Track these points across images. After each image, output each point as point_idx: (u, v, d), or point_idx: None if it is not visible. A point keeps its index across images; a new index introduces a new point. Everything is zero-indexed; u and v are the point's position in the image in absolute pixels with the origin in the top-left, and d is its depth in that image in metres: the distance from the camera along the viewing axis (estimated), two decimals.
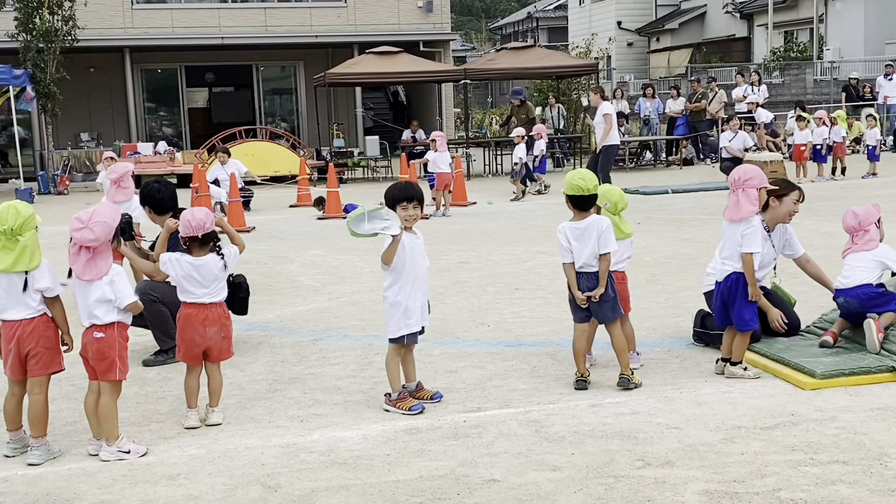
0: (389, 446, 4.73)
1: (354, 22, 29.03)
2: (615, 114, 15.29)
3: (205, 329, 5.13)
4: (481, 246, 11.34)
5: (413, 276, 5.24)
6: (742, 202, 5.57)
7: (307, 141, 28.08)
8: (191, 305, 5.15)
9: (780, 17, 36.29)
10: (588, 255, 5.51)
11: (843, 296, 5.96)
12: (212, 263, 5.15)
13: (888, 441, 4.52)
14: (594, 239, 5.48)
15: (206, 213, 5.21)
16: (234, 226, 13.34)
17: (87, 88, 27.79)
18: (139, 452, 4.74)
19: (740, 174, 5.63)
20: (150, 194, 6.73)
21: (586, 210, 5.58)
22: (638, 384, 5.53)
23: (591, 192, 5.53)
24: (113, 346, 4.70)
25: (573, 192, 5.53)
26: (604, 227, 5.49)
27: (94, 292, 4.66)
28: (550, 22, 56.47)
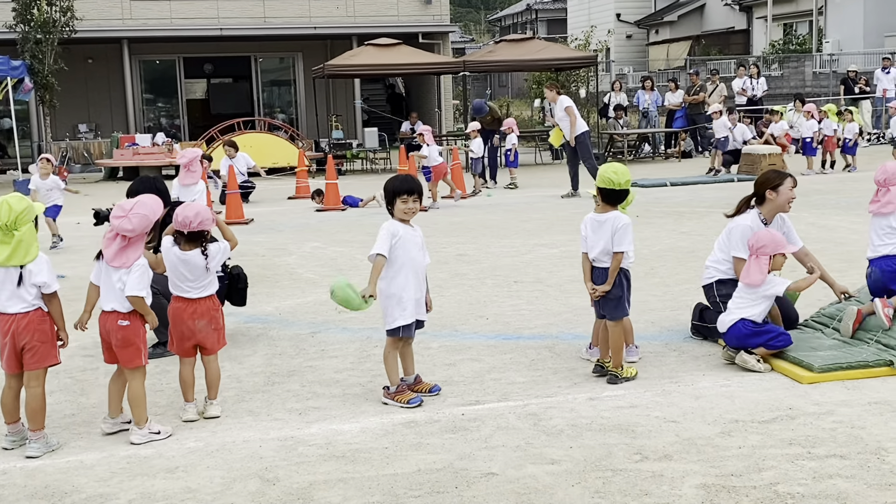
0: (388, 439, 4.74)
1: (353, 14, 28.95)
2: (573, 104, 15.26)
3: (193, 322, 5.14)
4: (480, 238, 11.34)
5: (407, 267, 5.24)
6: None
7: (306, 133, 28.03)
8: (179, 299, 5.17)
9: (780, 10, 36.22)
10: (601, 250, 5.57)
11: (871, 266, 6.05)
12: (196, 258, 5.14)
13: (886, 435, 4.53)
14: (608, 235, 5.51)
15: (196, 212, 5.18)
16: (233, 217, 13.40)
17: (85, 80, 27.72)
18: (167, 433, 4.91)
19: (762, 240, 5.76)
20: (158, 188, 6.68)
21: (613, 205, 5.62)
22: (630, 377, 5.53)
23: (620, 188, 5.57)
24: (138, 334, 4.88)
25: (603, 185, 5.59)
26: (619, 226, 5.52)
27: (116, 278, 4.82)
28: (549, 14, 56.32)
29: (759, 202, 6.31)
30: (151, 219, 4.87)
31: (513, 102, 37.78)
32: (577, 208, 13.88)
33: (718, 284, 6.30)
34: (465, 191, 16.20)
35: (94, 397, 5.61)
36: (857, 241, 9.91)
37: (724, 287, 6.26)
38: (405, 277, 5.24)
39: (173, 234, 5.17)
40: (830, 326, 6.12)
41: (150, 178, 7.00)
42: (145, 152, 22.49)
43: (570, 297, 7.86)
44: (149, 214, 4.85)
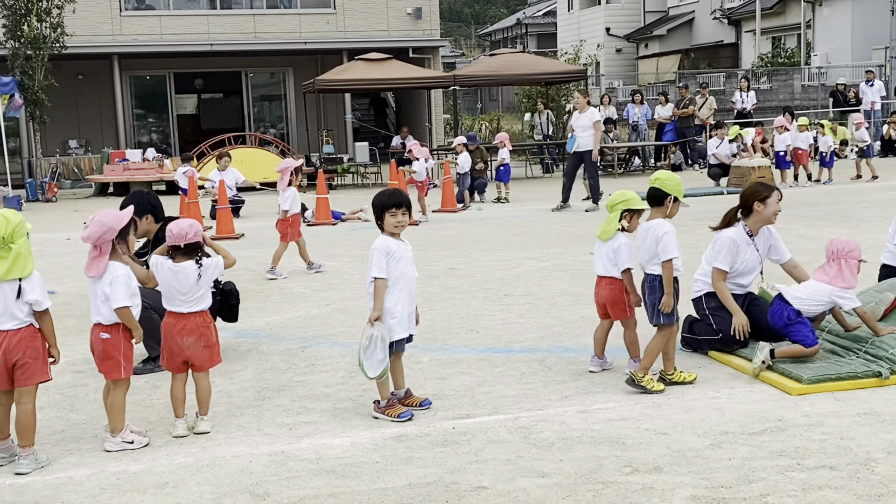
0: (378, 454, 4.73)
1: (343, 29, 29.05)
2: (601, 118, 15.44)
3: (182, 339, 5.12)
4: (470, 252, 11.35)
5: (401, 282, 5.25)
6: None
7: (297, 147, 28.06)
8: (171, 314, 5.16)
9: (768, 23, 36.45)
10: (643, 257, 5.67)
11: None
12: (189, 269, 5.13)
13: (875, 446, 4.55)
14: (649, 242, 5.62)
15: (190, 224, 5.21)
16: (223, 232, 13.40)
17: (75, 95, 27.73)
18: (141, 443, 4.92)
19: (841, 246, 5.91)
20: (152, 203, 6.69)
21: (655, 205, 5.71)
22: (651, 389, 5.52)
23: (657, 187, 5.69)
24: (118, 347, 4.89)
25: (654, 185, 5.72)
26: (661, 234, 5.58)
27: (98, 290, 4.87)
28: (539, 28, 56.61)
29: (746, 214, 6.35)
30: (109, 226, 4.85)
31: (503, 116, 37.89)
32: (568, 222, 13.92)
33: (707, 297, 6.33)
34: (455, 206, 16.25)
35: (84, 413, 5.59)
36: None
37: (713, 300, 6.30)
38: (398, 292, 5.25)
39: (168, 249, 5.16)
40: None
41: (144, 192, 7.00)
42: (136, 168, 22.49)
43: (561, 311, 7.88)
44: (106, 222, 4.85)
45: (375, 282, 5.18)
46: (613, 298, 5.94)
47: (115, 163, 22.74)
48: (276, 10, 29.30)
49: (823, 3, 33.27)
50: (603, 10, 44.74)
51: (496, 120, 34.60)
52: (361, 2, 29.10)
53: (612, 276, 5.94)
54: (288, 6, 29.40)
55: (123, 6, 27.95)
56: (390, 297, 5.23)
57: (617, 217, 5.90)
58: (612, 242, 5.92)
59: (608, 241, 5.94)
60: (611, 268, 5.94)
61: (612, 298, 5.95)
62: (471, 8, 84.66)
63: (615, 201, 5.94)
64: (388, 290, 5.22)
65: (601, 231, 5.98)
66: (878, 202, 13.94)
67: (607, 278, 5.96)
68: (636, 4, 44.67)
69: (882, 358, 5.59)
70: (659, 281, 5.62)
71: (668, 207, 5.71)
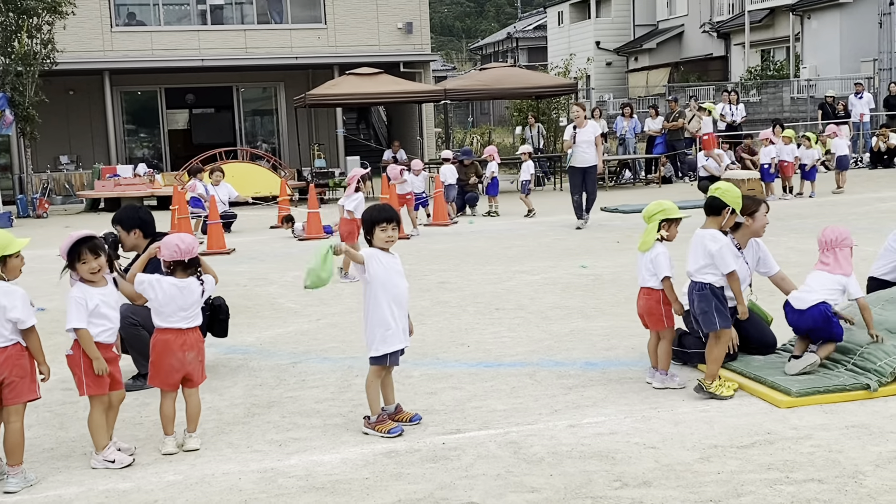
0: (368, 470, 4.73)
1: (335, 43, 29.12)
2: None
3: (184, 354, 5.12)
4: (461, 266, 11.36)
5: (391, 294, 5.25)
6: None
7: (288, 162, 28.08)
8: (168, 331, 5.13)
9: (757, 36, 36.64)
10: (692, 265, 5.81)
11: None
12: (194, 286, 5.16)
13: (863, 458, 4.56)
14: (700, 251, 5.74)
15: (193, 238, 5.25)
16: (215, 247, 13.40)
17: (66, 111, 27.72)
18: (123, 463, 4.90)
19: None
20: (142, 217, 6.65)
21: (712, 214, 5.79)
22: (719, 394, 5.56)
23: (716, 197, 5.78)
24: (78, 365, 4.88)
25: (713, 194, 5.82)
26: (715, 249, 5.65)
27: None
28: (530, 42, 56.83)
29: (734, 228, 6.37)
30: (62, 249, 4.90)
31: (494, 130, 37.99)
32: (560, 235, 13.95)
33: None
34: (446, 219, 16.30)
35: (74, 431, 5.57)
36: None
37: None
38: (389, 305, 5.25)
39: (170, 265, 5.13)
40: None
41: (135, 207, 6.98)
42: (127, 183, 22.49)
43: (552, 325, 7.89)
44: (61, 246, 4.91)
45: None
46: (650, 309, 5.94)
47: (107, 178, 22.73)
48: (267, 25, 29.37)
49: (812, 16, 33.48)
50: (593, 23, 44.95)
51: (487, 133, 34.69)
52: (352, 17, 29.18)
53: (649, 287, 5.93)
54: (279, 21, 29.47)
55: (114, 22, 27.98)
56: (381, 310, 5.23)
57: (655, 227, 5.93)
58: (650, 252, 5.93)
59: (646, 252, 5.95)
60: (649, 278, 5.93)
61: (649, 309, 5.95)
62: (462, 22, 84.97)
63: (652, 212, 5.97)
64: (379, 303, 5.23)
65: (640, 243, 5.99)
66: (868, 214, 13.99)
67: (645, 289, 5.97)
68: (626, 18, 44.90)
69: (870, 370, 5.60)
70: (710, 288, 5.66)
71: (724, 218, 5.80)
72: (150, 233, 6.65)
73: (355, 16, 29.18)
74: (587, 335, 7.44)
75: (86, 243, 4.92)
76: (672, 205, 6.00)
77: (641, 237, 6.03)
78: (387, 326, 5.23)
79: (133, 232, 6.53)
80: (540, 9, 59.98)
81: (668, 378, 5.85)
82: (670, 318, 5.94)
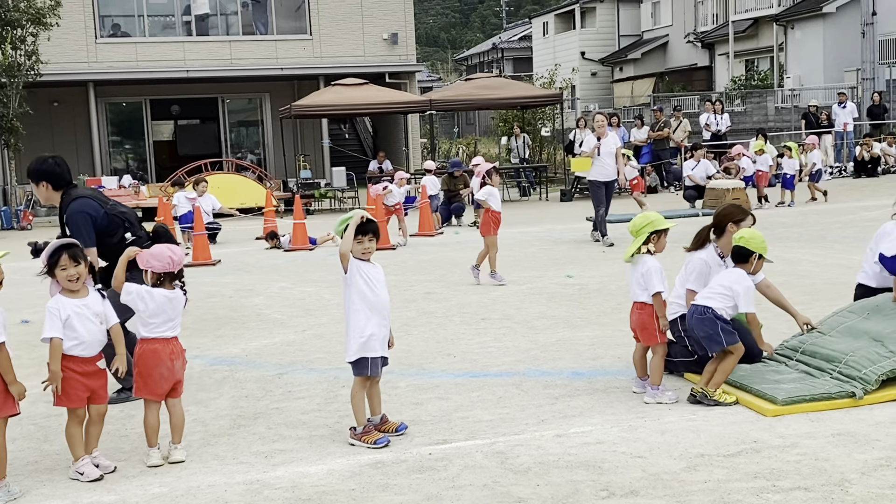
0: (354, 481, 4.71)
1: (320, 54, 29.13)
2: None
3: (173, 363, 5.11)
4: (447, 276, 11.36)
5: (370, 303, 5.25)
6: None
7: (274, 173, 28.05)
8: (156, 341, 5.09)
9: (741, 46, 36.83)
10: (686, 286, 6.31)
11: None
12: (180, 295, 5.15)
13: (849, 466, 4.57)
14: (720, 280, 5.95)
15: (178, 249, 5.24)
16: (200, 259, 13.35)
17: (50, 123, 27.63)
18: (91, 476, 4.87)
19: None
20: (48, 170, 6.30)
21: (740, 262, 5.92)
22: (721, 401, 5.62)
23: (741, 246, 5.91)
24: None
25: (735, 243, 5.96)
26: (740, 288, 5.75)
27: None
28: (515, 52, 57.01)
29: (719, 235, 6.40)
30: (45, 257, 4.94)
31: (480, 140, 38.04)
32: (546, 245, 13.96)
33: (683, 319, 6.35)
34: (433, 230, 16.31)
35: (58, 444, 5.52)
36: (821, 274, 10.05)
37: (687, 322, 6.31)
38: (366, 314, 5.23)
39: (158, 277, 5.10)
40: (794, 359, 6.17)
41: (45, 158, 6.52)
42: (112, 195, 22.32)
43: (538, 334, 7.89)
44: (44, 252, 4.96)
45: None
46: (643, 323, 5.90)
47: None
48: (252, 36, 29.36)
49: (795, 27, 33.69)
50: (578, 34, 45.09)
51: (473, 144, 34.73)
52: (338, 28, 29.21)
53: (642, 301, 5.90)
54: (264, 32, 29.47)
55: (99, 33, 27.92)
56: (360, 318, 5.23)
57: (641, 240, 5.92)
58: (640, 266, 5.90)
59: (636, 266, 5.93)
60: (640, 292, 5.89)
61: (642, 323, 5.90)
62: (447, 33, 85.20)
63: (640, 225, 5.96)
64: (359, 310, 5.23)
65: (626, 255, 6.00)
66: (853, 223, 14.06)
67: (638, 303, 5.93)
68: (611, 29, 45.06)
69: (855, 378, 5.62)
70: (712, 313, 5.72)
71: (752, 265, 5.88)
72: (59, 185, 6.34)
73: (340, 27, 29.21)
74: (573, 345, 7.45)
75: (66, 250, 4.91)
76: (659, 216, 6.00)
77: (628, 249, 6.03)
78: (361, 333, 5.21)
79: (41, 184, 6.33)
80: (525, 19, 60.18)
81: (659, 393, 5.82)
82: (664, 332, 5.94)
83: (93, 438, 5.04)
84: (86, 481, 4.85)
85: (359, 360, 5.25)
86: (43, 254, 4.94)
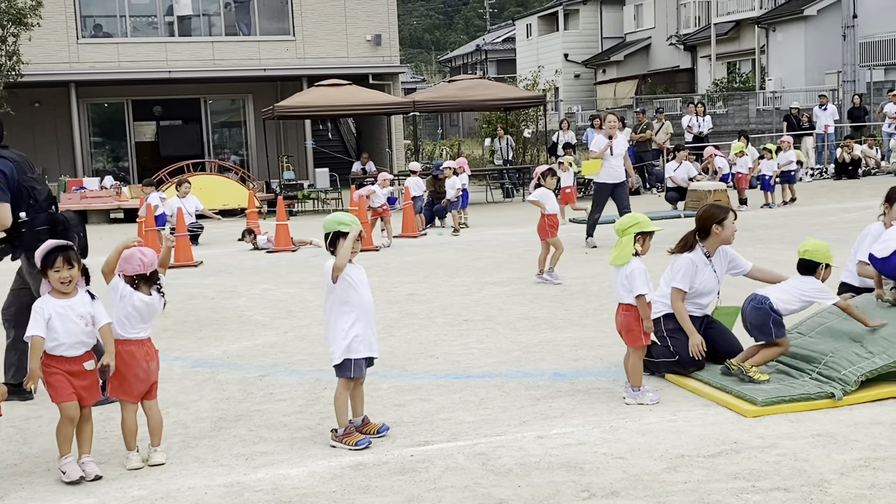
0: (336, 483, 4.70)
1: (303, 55, 29.08)
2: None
3: (148, 364, 5.10)
4: (431, 277, 11.36)
5: (353, 305, 5.24)
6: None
7: (257, 174, 27.97)
8: (131, 342, 5.07)
9: (723, 49, 37.02)
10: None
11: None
12: (156, 300, 5.12)
13: (828, 467, 4.59)
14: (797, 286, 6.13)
15: (153, 252, 5.20)
16: (182, 260, 13.29)
17: (31, 124, 27.47)
18: (71, 478, 4.84)
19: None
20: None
21: (805, 274, 6.06)
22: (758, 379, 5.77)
23: (807, 259, 6.04)
24: (45, 374, 4.90)
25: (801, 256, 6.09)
26: (813, 291, 6.02)
27: None
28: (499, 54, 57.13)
29: (704, 236, 6.43)
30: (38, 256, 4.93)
31: (464, 142, 38.07)
32: (531, 247, 13.97)
33: (666, 319, 6.37)
34: (416, 231, 16.31)
35: (37, 446, 5.50)
36: None
37: (671, 321, 6.35)
38: (349, 315, 5.22)
39: (132, 278, 5.06)
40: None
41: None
42: (93, 196, 22.29)
43: (520, 335, 7.90)
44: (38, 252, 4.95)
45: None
46: (629, 325, 5.87)
47: (73, 191, 22.51)
48: (235, 37, 29.28)
49: (777, 29, 33.88)
50: (561, 36, 45.23)
51: (457, 145, 34.75)
52: (321, 29, 29.17)
53: (627, 303, 5.88)
54: (247, 33, 29.40)
55: (80, 34, 27.78)
56: (346, 320, 5.22)
57: (630, 241, 5.89)
58: (624, 268, 5.87)
59: (621, 267, 5.90)
60: (625, 294, 5.87)
61: (628, 325, 5.87)
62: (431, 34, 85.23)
63: (626, 225, 5.93)
64: (346, 312, 5.22)
65: (614, 257, 5.93)
66: (833, 224, 14.14)
67: (623, 305, 5.90)
68: (594, 31, 45.22)
69: (835, 379, 5.65)
70: (769, 304, 5.93)
71: (820, 275, 6.02)
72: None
73: (324, 28, 29.17)
74: (556, 346, 7.46)
75: (62, 251, 4.88)
76: (646, 218, 5.99)
77: (614, 251, 5.98)
78: (345, 335, 5.21)
79: None
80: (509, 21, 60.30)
81: (640, 394, 5.82)
82: (648, 335, 5.94)
83: (85, 441, 5.02)
84: (66, 481, 4.82)
85: (343, 361, 5.24)
86: (37, 254, 4.90)
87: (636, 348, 5.87)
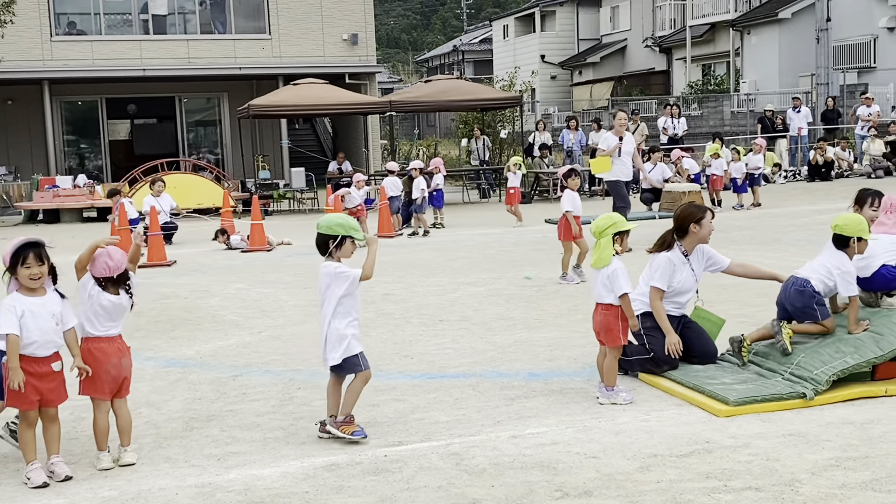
0: (308, 483, 4.68)
1: (279, 54, 28.97)
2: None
3: (120, 360, 5.06)
4: (406, 277, 11.34)
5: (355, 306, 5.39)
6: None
7: (232, 173, 27.84)
8: (101, 339, 5.01)
9: (698, 51, 37.22)
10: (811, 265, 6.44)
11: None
12: (124, 300, 5.08)
13: (799, 466, 4.62)
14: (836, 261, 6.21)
15: (122, 253, 5.13)
16: (155, 259, 13.19)
17: (4, 121, 27.23)
18: (35, 483, 4.78)
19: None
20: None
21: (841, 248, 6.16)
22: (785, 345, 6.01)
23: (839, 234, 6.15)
24: (4, 376, 4.84)
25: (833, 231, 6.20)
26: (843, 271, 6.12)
27: None
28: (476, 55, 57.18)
29: (682, 236, 6.46)
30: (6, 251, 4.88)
31: (441, 142, 38.07)
32: (505, 247, 13.99)
33: (643, 317, 6.37)
34: (392, 231, 16.29)
35: (4, 448, 5.42)
36: None
37: (648, 319, 6.36)
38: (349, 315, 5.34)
39: (101, 280, 5.02)
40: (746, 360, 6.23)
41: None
42: (66, 194, 22.11)
43: (495, 335, 7.89)
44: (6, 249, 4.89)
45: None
46: (608, 325, 5.83)
47: (45, 189, 22.32)
48: (210, 35, 29.12)
49: (751, 32, 34.10)
50: (538, 37, 45.32)
51: (433, 145, 34.74)
52: (297, 27, 29.07)
53: (607, 303, 5.85)
54: (222, 32, 29.25)
55: (54, 31, 27.55)
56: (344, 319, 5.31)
57: (609, 243, 5.86)
58: (606, 269, 5.83)
59: (603, 268, 5.86)
60: (606, 294, 5.84)
61: (607, 325, 5.84)
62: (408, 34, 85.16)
63: (604, 226, 5.88)
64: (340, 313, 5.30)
65: (595, 259, 5.90)
66: (807, 226, 14.24)
67: (602, 305, 5.87)
68: (570, 32, 45.35)
69: (806, 379, 5.69)
70: (812, 287, 6.12)
71: (854, 248, 6.10)
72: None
73: (300, 27, 29.08)
74: (530, 346, 7.46)
75: (33, 248, 4.82)
76: (621, 217, 5.99)
77: (594, 253, 5.98)
78: (343, 335, 5.28)
79: None
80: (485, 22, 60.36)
81: (613, 394, 5.82)
82: (626, 334, 5.94)
83: (53, 442, 4.95)
84: (31, 486, 4.75)
85: (350, 358, 5.27)
86: (7, 250, 4.85)
87: (613, 348, 5.87)
